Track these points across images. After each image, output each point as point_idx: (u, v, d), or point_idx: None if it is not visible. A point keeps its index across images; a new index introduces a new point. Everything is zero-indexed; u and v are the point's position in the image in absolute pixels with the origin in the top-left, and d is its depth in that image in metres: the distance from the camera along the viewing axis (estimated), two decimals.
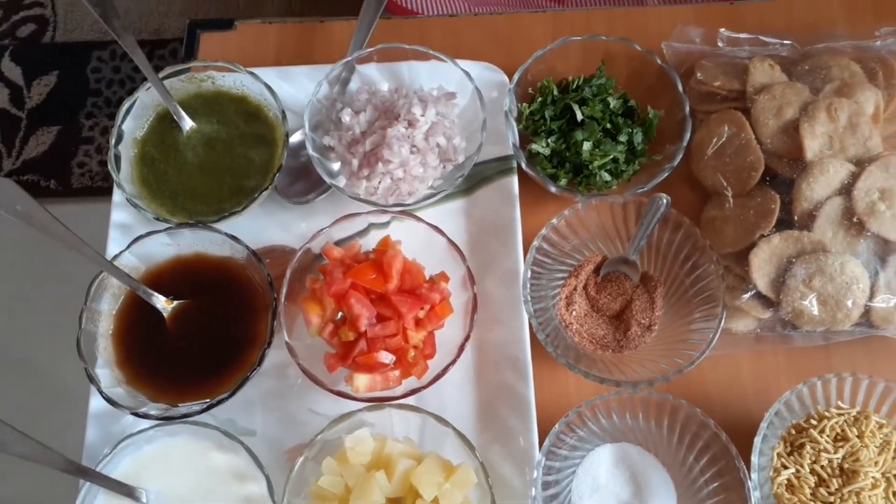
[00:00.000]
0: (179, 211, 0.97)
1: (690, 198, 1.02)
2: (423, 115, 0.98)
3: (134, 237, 0.92)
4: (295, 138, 1.01)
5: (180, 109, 1.01)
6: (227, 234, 0.91)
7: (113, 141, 0.98)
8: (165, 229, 0.91)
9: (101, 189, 0.99)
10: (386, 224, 0.96)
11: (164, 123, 1.02)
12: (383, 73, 1.04)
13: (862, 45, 1.04)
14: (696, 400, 0.92)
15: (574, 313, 0.95)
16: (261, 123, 1.01)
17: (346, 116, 1.00)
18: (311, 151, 0.97)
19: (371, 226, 0.97)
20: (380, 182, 0.97)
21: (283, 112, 0.98)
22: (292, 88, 1.05)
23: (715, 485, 0.85)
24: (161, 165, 1.00)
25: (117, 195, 1.00)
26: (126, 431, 0.87)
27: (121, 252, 0.91)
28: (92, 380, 0.85)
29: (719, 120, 0.99)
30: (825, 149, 0.95)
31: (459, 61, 1.01)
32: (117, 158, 0.97)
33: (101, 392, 0.84)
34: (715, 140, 0.98)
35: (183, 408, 0.86)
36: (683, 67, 1.05)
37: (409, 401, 0.88)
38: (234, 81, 1.03)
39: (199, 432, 0.85)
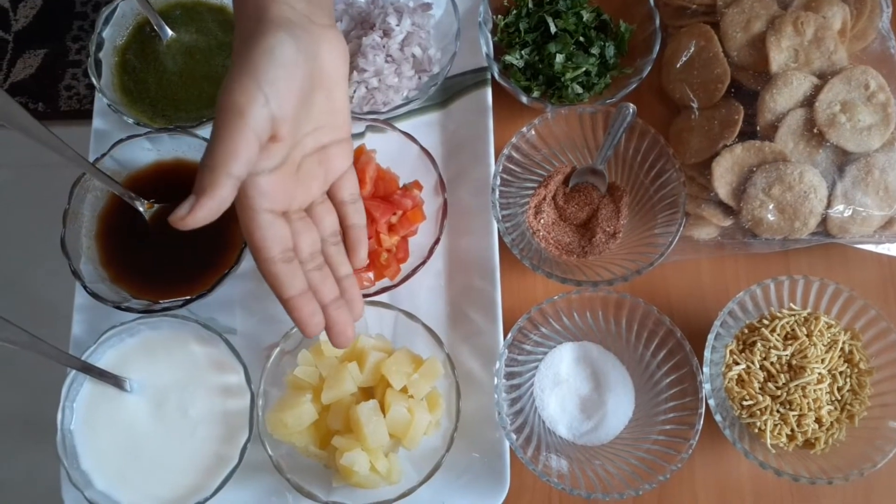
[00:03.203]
0: (159, 118, 0.99)
1: (661, 112, 1.05)
2: (398, 25, 0.99)
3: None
4: None
5: (160, 18, 1.02)
6: (205, 139, 0.93)
7: (93, 48, 0.99)
8: (145, 133, 0.94)
9: (89, 112, 1.01)
10: (361, 135, 0.99)
11: (144, 32, 1.03)
12: None
13: None
14: (659, 302, 0.97)
15: (542, 221, 0.99)
16: None
17: None
18: None
19: None
20: (355, 91, 0.99)
21: None
22: None
23: (670, 379, 0.89)
24: (141, 74, 1.02)
25: (98, 102, 1.02)
26: None
27: (102, 155, 0.93)
28: (76, 275, 0.89)
29: (689, 33, 1.01)
30: (790, 62, 0.97)
31: None
32: (98, 65, 0.99)
33: (85, 287, 0.88)
34: (684, 53, 1.00)
35: (164, 303, 0.90)
36: None
37: (382, 300, 0.92)
38: None
39: (180, 325, 0.89)
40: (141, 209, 0.95)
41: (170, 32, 1.03)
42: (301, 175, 0.70)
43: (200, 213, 0.62)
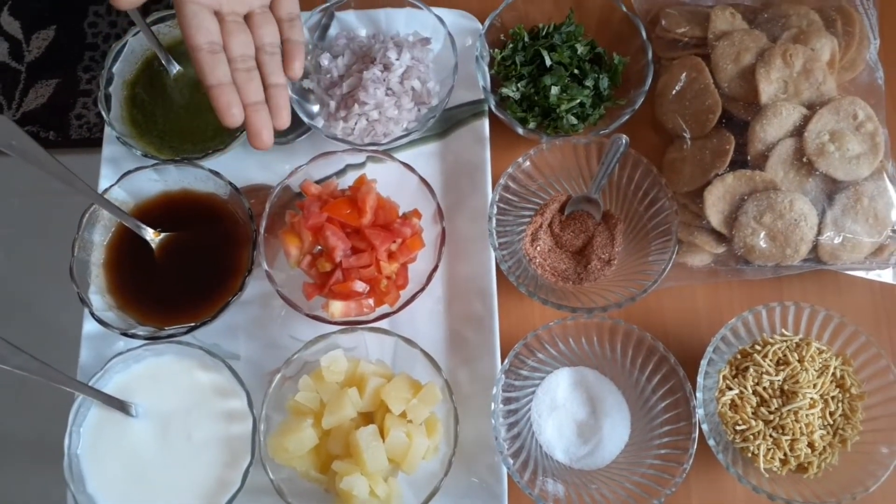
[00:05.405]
0: (166, 149, 1.03)
1: (654, 141, 1.07)
2: (398, 59, 1.02)
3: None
4: None
5: (167, 54, 1.05)
6: (209, 170, 0.96)
7: (103, 83, 1.03)
8: (153, 165, 0.97)
9: (99, 140, 1.04)
10: (362, 165, 1.02)
11: (153, 67, 1.07)
12: (361, 20, 1.09)
13: None
14: (654, 328, 0.99)
15: (538, 248, 1.01)
16: None
17: (325, 60, 1.05)
18: (290, 94, 1.01)
19: (348, 166, 1.02)
20: (356, 123, 1.02)
21: None
22: None
23: (664, 403, 0.91)
24: (149, 107, 1.05)
25: (108, 134, 1.05)
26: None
27: (111, 186, 0.96)
28: (84, 303, 0.91)
29: (680, 65, 1.04)
30: (780, 93, 0.99)
31: (434, 8, 1.05)
32: (108, 99, 1.02)
33: (92, 314, 0.91)
34: (676, 85, 1.03)
35: (170, 330, 0.92)
36: (650, 15, 1.09)
37: (383, 325, 0.94)
38: None
39: (184, 352, 0.91)
40: (148, 238, 0.97)
41: (177, 67, 1.06)
42: None
43: None
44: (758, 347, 0.92)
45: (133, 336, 0.91)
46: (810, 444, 0.89)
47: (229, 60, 0.78)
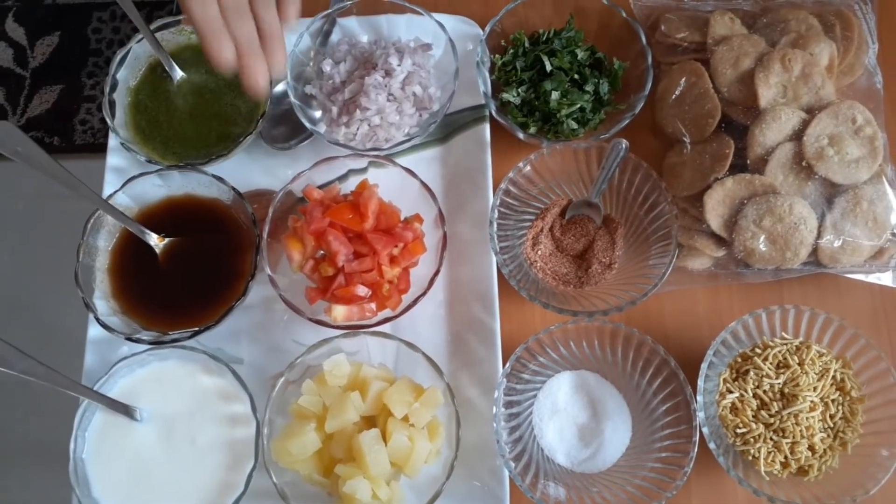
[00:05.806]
0: (170, 155, 1.03)
1: (655, 145, 1.08)
2: (399, 65, 1.03)
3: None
4: (279, 88, 1.07)
5: (171, 60, 1.06)
6: (213, 176, 0.97)
7: (107, 89, 1.04)
8: (156, 171, 0.98)
9: (103, 146, 1.05)
10: (364, 170, 1.02)
11: (156, 73, 1.08)
12: (363, 26, 1.09)
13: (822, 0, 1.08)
14: (655, 331, 0.99)
15: (539, 252, 1.01)
16: None
17: (327, 66, 1.05)
18: (293, 99, 1.02)
19: (350, 171, 1.03)
20: (358, 128, 1.02)
21: None
22: None
23: (665, 407, 0.91)
24: (153, 113, 1.06)
25: (112, 140, 1.06)
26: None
27: (115, 192, 0.97)
28: (89, 307, 0.92)
29: (680, 70, 1.04)
30: (779, 97, 1.00)
31: (435, 14, 1.06)
32: (112, 105, 1.03)
33: (97, 319, 0.91)
34: (676, 89, 1.04)
35: (174, 334, 0.93)
36: (650, 21, 1.10)
37: (385, 330, 0.94)
38: None
39: (188, 356, 0.92)
40: (152, 243, 0.98)
41: (180, 73, 1.07)
42: None
43: None
44: (758, 351, 0.93)
45: (137, 341, 0.91)
46: (811, 447, 0.89)
47: (221, 9, 0.78)
